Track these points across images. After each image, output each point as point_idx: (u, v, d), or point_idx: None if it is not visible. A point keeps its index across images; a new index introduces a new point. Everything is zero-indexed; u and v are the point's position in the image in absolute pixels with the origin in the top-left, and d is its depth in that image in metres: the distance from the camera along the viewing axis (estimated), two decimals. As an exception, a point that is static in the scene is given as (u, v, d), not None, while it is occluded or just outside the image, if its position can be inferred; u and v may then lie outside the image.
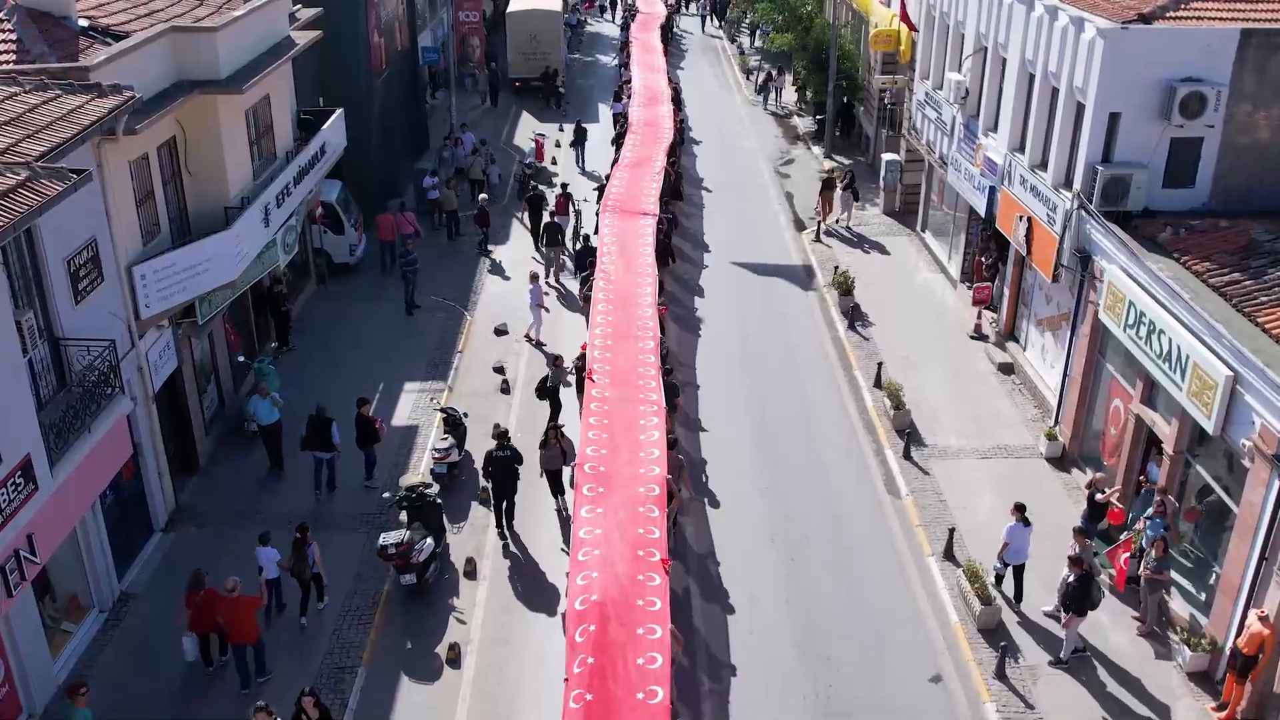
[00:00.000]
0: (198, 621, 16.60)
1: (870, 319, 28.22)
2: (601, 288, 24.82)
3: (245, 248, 20.87)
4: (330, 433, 20.62)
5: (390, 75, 34.76)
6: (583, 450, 18.75)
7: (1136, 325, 18.83)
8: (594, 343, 22.41)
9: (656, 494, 17.37)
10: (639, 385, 20.83)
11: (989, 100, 26.14)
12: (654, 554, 15.84)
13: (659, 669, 13.62)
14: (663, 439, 19.03)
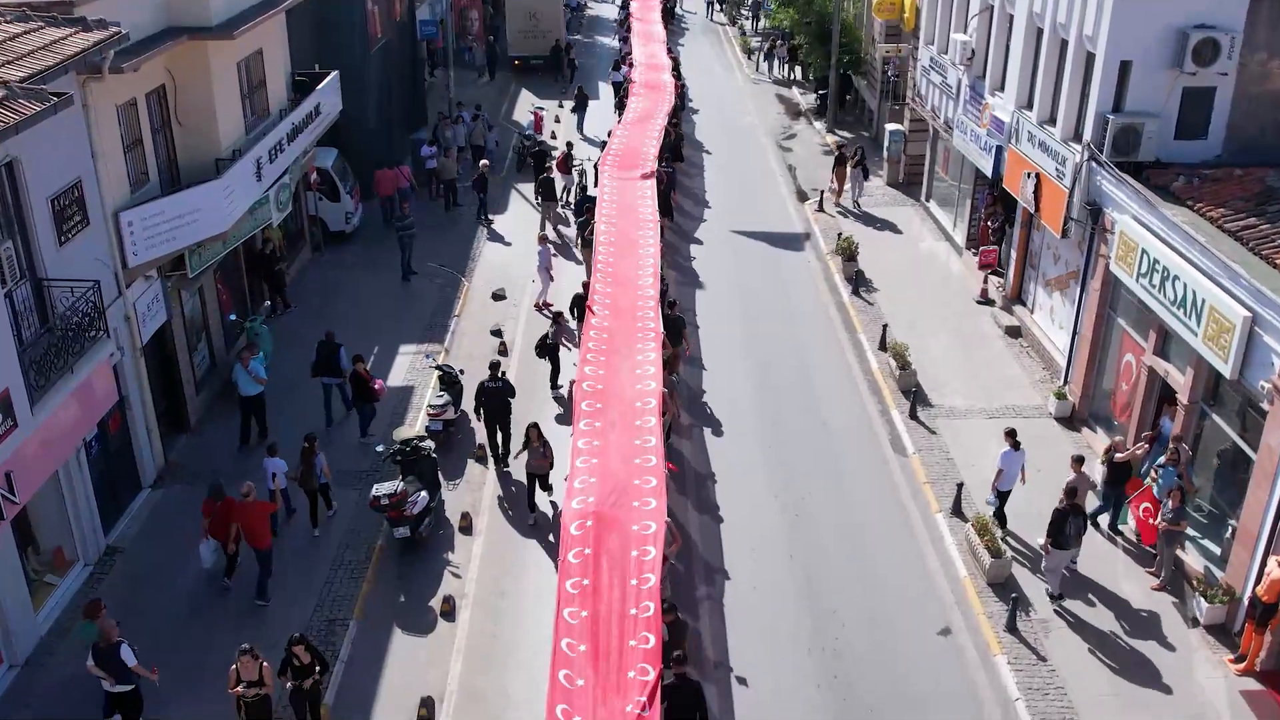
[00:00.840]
0: (215, 529, 17.01)
1: (874, 285, 27.74)
2: (603, 230, 24.86)
3: (236, 200, 20.40)
4: (339, 357, 21.27)
5: (388, 45, 34.25)
6: (581, 370, 19.15)
7: (1149, 273, 18.35)
8: (595, 279, 22.63)
9: (653, 407, 17.80)
10: (638, 315, 21.07)
11: (995, 59, 25.67)
12: (650, 460, 16.29)
13: (651, 587, 13.78)
14: (659, 360, 19.32)
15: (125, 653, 13.93)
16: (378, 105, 32.63)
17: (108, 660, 13.91)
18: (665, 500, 15.51)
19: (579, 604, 13.55)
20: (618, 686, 12.48)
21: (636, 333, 20.35)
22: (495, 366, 20.39)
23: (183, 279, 20.27)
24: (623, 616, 13.42)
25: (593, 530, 14.71)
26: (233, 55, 21.50)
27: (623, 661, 12.80)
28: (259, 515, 16.81)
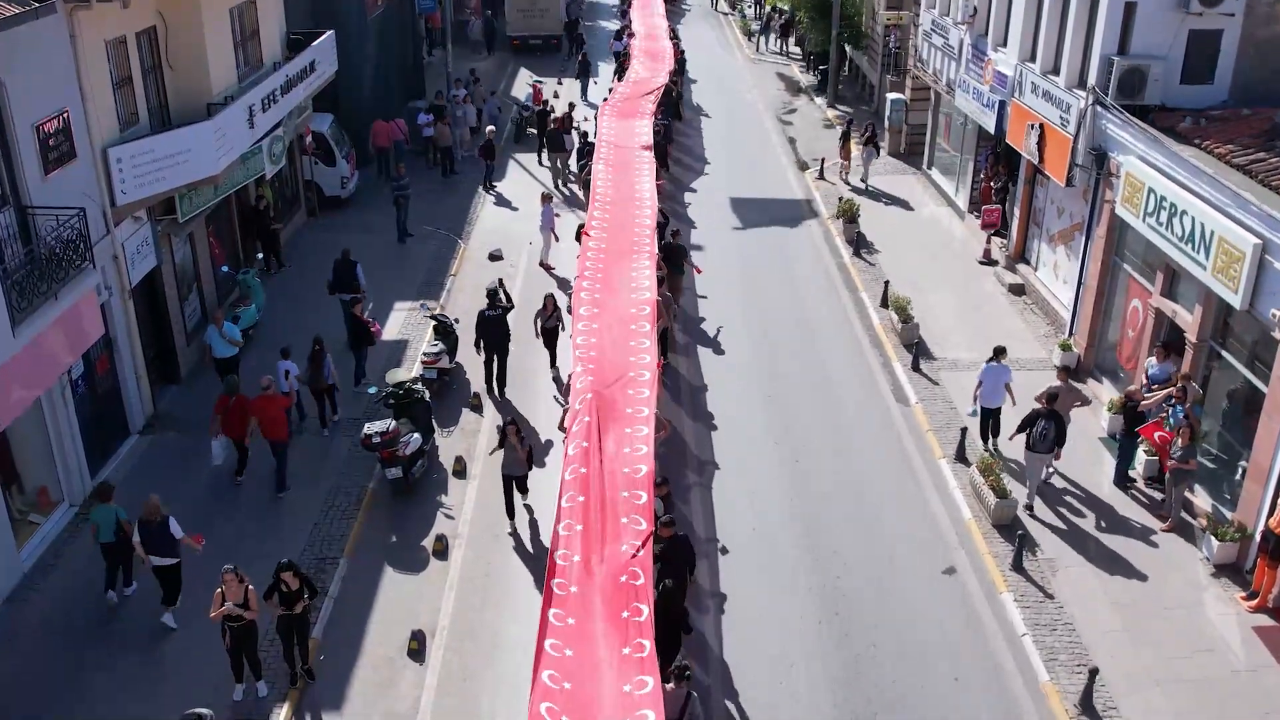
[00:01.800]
0: (228, 426, 17.41)
1: (875, 247, 27.42)
2: (600, 168, 25.49)
3: (228, 143, 20.08)
4: (356, 274, 22.03)
5: (386, 15, 33.99)
6: (579, 285, 19.57)
7: (1156, 212, 18.01)
8: (592, 207, 23.08)
9: (648, 313, 18.32)
10: (634, 239, 21.38)
11: (998, 15, 25.35)
12: (645, 357, 16.94)
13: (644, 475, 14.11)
14: (653, 275, 19.82)
15: (174, 526, 14.45)
16: (375, 73, 32.37)
17: (157, 535, 14.35)
18: (656, 393, 16.27)
19: (577, 488, 13.65)
20: (614, 535, 12.95)
21: (631, 247, 20.98)
22: (493, 294, 20.20)
23: (173, 224, 19.95)
24: (615, 502, 13.67)
25: (591, 411, 15.28)
26: (225, 0, 21.18)
27: (617, 528, 13.09)
28: (277, 408, 17.43)
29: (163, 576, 14.71)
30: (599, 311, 18.44)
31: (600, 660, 11.21)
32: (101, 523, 14.70)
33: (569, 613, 11.80)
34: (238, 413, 17.34)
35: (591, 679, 10.92)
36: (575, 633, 11.54)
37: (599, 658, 11.23)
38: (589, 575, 12.31)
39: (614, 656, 11.21)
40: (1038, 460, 17.45)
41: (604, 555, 12.65)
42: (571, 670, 10.95)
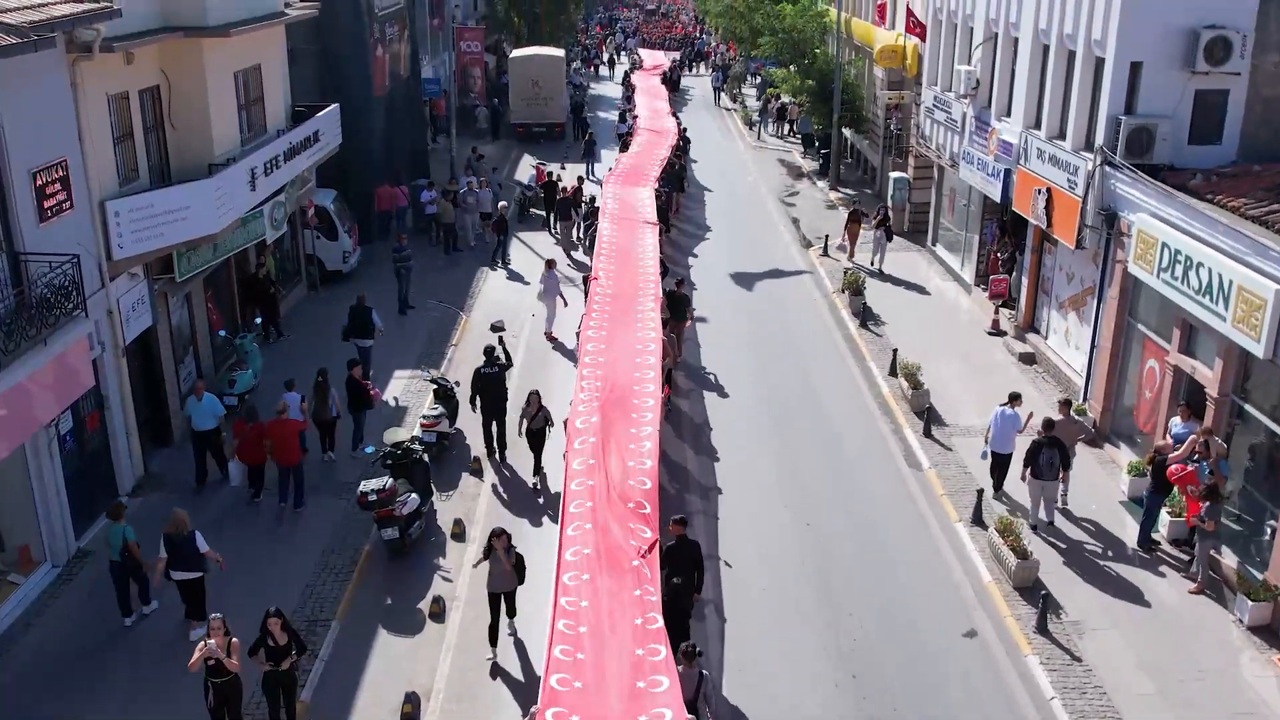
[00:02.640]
0: (245, 451, 18.07)
1: (882, 319, 27.10)
2: (606, 224, 26.63)
3: (228, 203, 19.87)
4: (371, 320, 22.61)
5: (392, 95, 34.29)
6: (586, 321, 20.81)
7: (1171, 266, 17.68)
8: (598, 258, 23.94)
9: (653, 348, 19.42)
10: (638, 283, 22.70)
11: (1001, 86, 25.44)
12: (650, 373, 18.23)
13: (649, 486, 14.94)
14: (658, 315, 20.88)
15: (200, 540, 14.68)
16: (379, 151, 32.46)
17: (184, 548, 14.56)
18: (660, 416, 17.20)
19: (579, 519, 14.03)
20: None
21: (636, 289, 22.12)
22: (490, 351, 19.82)
23: (171, 283, 19.66)
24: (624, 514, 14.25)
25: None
26: (230, 63, 21.22)
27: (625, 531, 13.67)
28: (290, 432, 17.91)
29: (188, 591, 14.85)
30: (606, 344, 19.42)
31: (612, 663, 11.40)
32: (112, 541, 14.85)
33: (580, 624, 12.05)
34: (254, 437, 17.93)
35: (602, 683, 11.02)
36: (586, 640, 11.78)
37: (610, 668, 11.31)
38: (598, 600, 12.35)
39: (626, 657, 11.39)
40: (1042, 487, 17.67)
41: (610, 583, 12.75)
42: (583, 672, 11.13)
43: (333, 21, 29.35)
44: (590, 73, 69.11)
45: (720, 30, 65.23)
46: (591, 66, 71.27)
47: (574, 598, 12.46)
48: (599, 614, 12.12)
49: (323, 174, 29.17)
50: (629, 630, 11.84)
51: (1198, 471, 16.37)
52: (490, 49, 54.92)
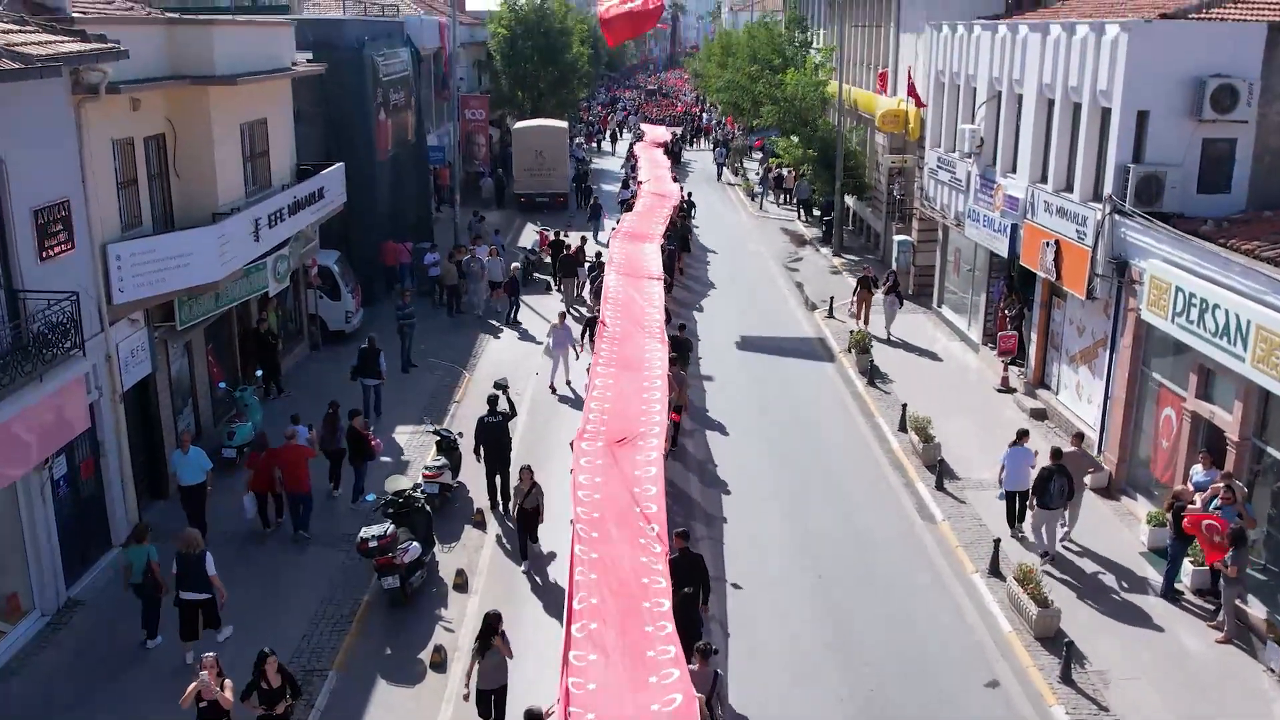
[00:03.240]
0: (258, 481, 18.25)
1: (889, 377, 26.81)
2: (612, 276, 27.31)
3: (231, 251, 19.72)
4: (379, 362, 23.32)
5: (397, 161, 34.47)
6: (595, 356, 21.51)
7: (1186, 310, 17.45)
8: (605, 304, 24.80)
9: (659, 384, 19.94)
10: (644, 324, 23.48)
11: (1005, 143, 25.49)
12: (656, 404, 18.91)
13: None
14: (664, 353, 21.65)
15: (208, 562, 14.85)
16: (383, 213, 32.50)
17: (193, 568, 14.69)
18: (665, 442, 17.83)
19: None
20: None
21: (643, 330, 22.83)
22: (493, 400, 19.42)
23: (171, 331, 19.42)
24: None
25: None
26: (236, 115, 21.25)
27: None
28: (298, 458, 18.13)
29: (193, 612, 14.92)
30: (613, 378, 20.08)
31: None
32: (134, 562, 15.00)
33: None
34: (265, 465, 18.23)
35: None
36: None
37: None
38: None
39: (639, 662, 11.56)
40: (1053, 516, 17.88)
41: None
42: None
43: (338, 85, 29.62)
44: (593, 148, 69.86)
45: (721, 106, 66.04)
46: (594, 141, 72.07)
47: (582, 651, 11.97)
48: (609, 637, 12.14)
49: (327, 235, 29.15)
50: (639, 635, 12.04)
51: (1223, 516, 15.92)
52: (494, 123, 55.52)
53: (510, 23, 54.52)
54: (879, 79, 37.86)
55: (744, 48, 49.13)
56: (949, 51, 29.03)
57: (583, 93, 68.08)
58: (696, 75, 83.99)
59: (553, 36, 55.15)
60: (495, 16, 56.12)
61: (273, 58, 22.60)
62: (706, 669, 12.52)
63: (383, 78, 32.56)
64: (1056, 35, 22.33)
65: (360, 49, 30.52)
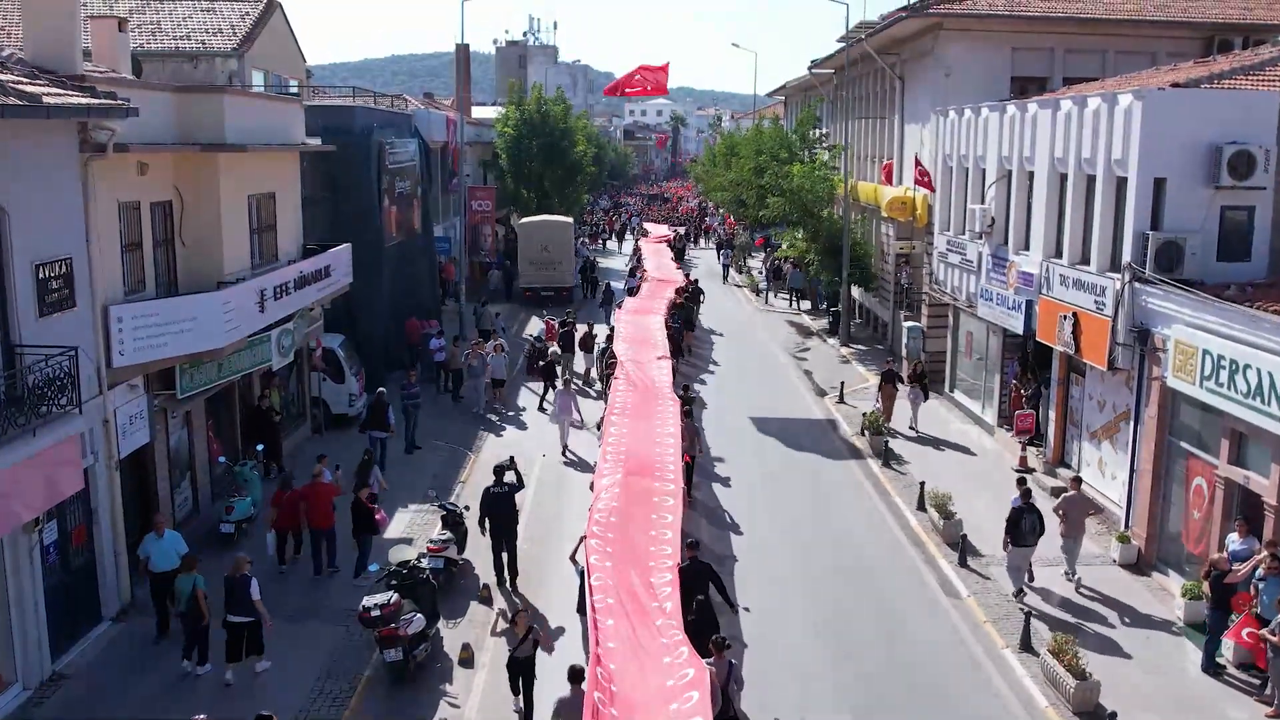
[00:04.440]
0: (282, 519, 18.95)
1: (904, 458, 26.22)
2: (622, 345, 28.55)
3: (236, 319, 19.34)
4: (388, 415, 24.28)
5: (404, 248, 34.42)
6: (610, 408, 22.72)
7: (1215, 373, 16.99)
8: (617, 375, 25.64)
9: (673, 431, 21.00)
10: (655, 387, 24.50)
11: (1017, 221, 25.36)
12: (670, 451, 19.77)
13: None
14: (677, 410, 22.52)
15: (254, 587, 15.35)
16: (389, 297, 32.28)
17: (239, 590, 15.27)
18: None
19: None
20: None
21: (655, 393, 23.77)
22: (500, 471, 18.78)
23: (171, 400, 18.94)
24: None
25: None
26: (244, 186, 21.12)
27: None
28: (324, 496, 18.77)
29: (239, 634, 15.43)
30: (629, 428, 20.88)
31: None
32: (180, 591, 15.47)
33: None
34: (290, 505, 18.85)
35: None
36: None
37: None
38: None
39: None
40: (1025, 554, 18.67)
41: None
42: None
43: (346, 169, 29.70)
44: (598, 247, 70.31)
45: (724, 206, 66.60)
46: (599, 241, 72.63)
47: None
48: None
49: (332, 320, 28.86)
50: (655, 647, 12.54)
51: (1264, 589, 15.22)
52: (500, 221, 55.91)
53: (516, 122, 55.29)
54: (884, 170, 38.09)
55: (750, 145, 49.62)
56: (957, 136, 29.16)
57: (585, 195, 68.76)
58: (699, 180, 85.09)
59: (556, 136, 55.88)
60: (501, 118, 56.99)
61: (282, 132, 22.59)
62: (723, 660, 13.53)
63: (389, 165, 32.68)
64: (1068, 109, 22.34)
65: (369, 135, 30.67)
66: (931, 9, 31.23)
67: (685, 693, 11.49)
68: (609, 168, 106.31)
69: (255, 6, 34.99)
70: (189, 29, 34.26)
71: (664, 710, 11.31)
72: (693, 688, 11.50)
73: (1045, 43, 31.41)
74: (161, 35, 33.84)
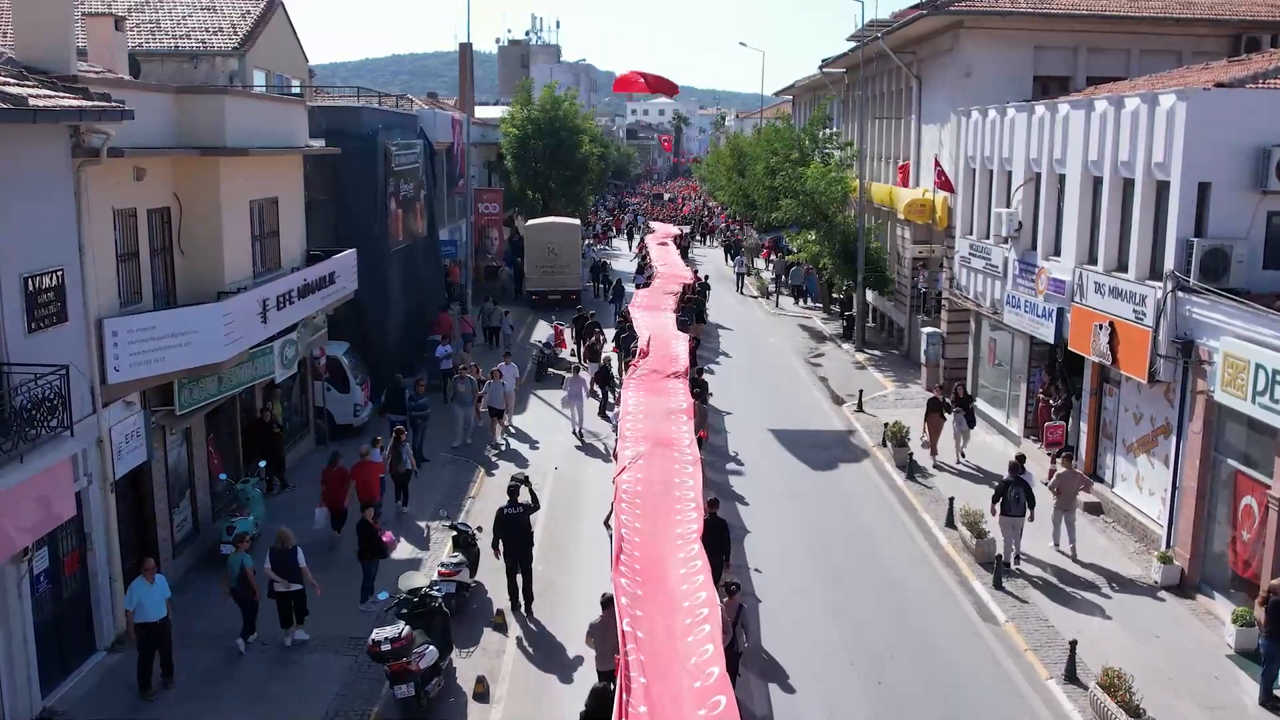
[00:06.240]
0: (330, 496, 20.24)
1: (929, 471, 25.32)
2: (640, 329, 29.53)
3: (237, 331, 18.46)
4: (404, 397, 25.11)
5: (410, 252, 33.54)
6: (625, 391, 23.40)
7: (1269, 389, 16.09)
8: (635, 362, 25.92)
9: (685, 408, 21.78)
10: (672, 355, 26.06)
11: (1046, 226, 24.48)
12: (684, 427, 20.55)
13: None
14: (688, 394, 23.06)
15: (300, 556, 16.63)
16: (395, 303, 31.40)
17: (286, 561, 16.49)
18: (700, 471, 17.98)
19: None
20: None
21: (670, 369, 24.78)
22: (514, 491, 17.95)
23: (170, 416, 18.04)
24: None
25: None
26: (246, 191, 20.24)
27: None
28: (372, 472, 20.34)
29: (288, 601, 16.67)
30: (643, 409, 21.50)
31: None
32: (232, 568, 16.44)
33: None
34: (338, 480, 20.15)
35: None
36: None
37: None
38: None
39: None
40: (1012, 524, 19.70)
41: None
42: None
43: (351, 172, 28.82)
44: (604, 247, 69.49)
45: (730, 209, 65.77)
46: (605, 240, 71.89)
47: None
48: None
49: (337, 328, 27.98)
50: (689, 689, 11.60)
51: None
52: (505, 222, 55.04)
53: (522, 122, 54.41)
54: (900, 171, 37.20)
55: (760, 146, 48.75)
56: (980, 137, 28.27)
57: (591, 196, 67.84)
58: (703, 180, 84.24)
59: (563, 136, 54.99)
60: (507, 117, 56.08)
61: (285, 134, 21.72)
62: (733, 602, 14.92)
63: (395, 167, 31.79)
64: (1103, 110, 21.46)
65: (374, 136, 29.79)
66: (952, 7, 30.34)
67: (699, 627, 12.27)
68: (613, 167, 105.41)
69: (256, 5, 34.13)
70: (189, 28, 33.42)
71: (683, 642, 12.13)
72: (706, 622, 12.32)
73: (1068, 41, 30.53)
74: (161, 34, 32.98)
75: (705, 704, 10.64)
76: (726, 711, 10.37)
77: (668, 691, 11.06)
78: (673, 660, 11.71)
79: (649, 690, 10.97)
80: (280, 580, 16.54)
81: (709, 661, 11.38)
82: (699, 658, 11.56)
